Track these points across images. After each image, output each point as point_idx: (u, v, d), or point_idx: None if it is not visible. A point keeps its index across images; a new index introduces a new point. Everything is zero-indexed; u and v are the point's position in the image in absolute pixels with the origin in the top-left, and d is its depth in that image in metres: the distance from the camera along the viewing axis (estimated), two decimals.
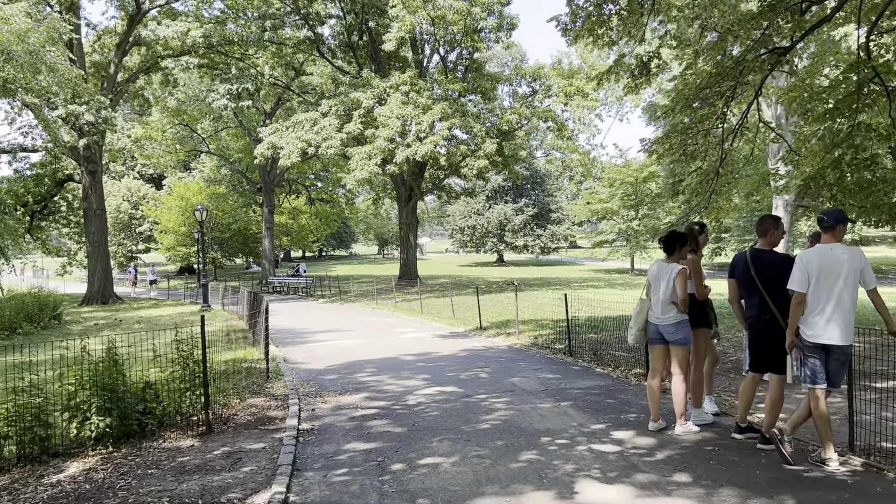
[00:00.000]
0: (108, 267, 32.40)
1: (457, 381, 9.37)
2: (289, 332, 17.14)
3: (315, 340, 14.94)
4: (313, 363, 11.57)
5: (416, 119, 23.12)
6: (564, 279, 38.05)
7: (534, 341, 13.10)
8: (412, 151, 22.87)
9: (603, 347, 11.81)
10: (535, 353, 11.86)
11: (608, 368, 9.95)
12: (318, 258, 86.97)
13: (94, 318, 24.12)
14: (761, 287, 5.95)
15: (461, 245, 78.72)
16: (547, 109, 26.58)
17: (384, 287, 30.38)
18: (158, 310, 26.47)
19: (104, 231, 32.52)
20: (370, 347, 13.28)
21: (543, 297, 23.72)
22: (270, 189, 42.54)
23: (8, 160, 33.99)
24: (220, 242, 50.94)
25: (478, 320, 16.03)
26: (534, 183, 74.30)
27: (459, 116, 23.98)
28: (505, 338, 13.80)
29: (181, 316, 23.47)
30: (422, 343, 13.71)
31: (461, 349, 12.53)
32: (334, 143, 23.62)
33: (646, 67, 16.24)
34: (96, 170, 31.68)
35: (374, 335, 15.45)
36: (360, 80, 25.33)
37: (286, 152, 24.61)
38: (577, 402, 7.83)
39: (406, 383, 9.34)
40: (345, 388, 9.21)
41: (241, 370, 10.61)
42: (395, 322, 18.54)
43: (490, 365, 10.62)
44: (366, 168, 22.75)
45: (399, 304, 23.60)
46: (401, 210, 32.76)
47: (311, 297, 31.36)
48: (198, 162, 54.66)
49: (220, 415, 7.46)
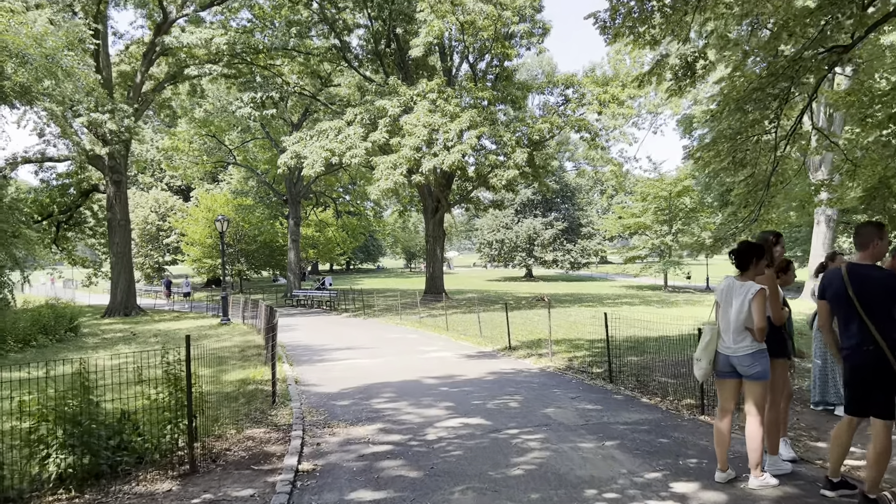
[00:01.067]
0: (131, 278, 31.98)
1: (483, 410, 8.28)
2: (306, 349, 16.21)
3: (332, 359, 13.96)
4: (326, 386, 10.57)
5: (443, 127, 22.21)
6: (596, 295, 36.69)
7: (568, 364, 11.95)
8: (439, 161, 21.94)
9: (646, 373, 10.63)
10: (570, 377, 10.71)
11: (655, 398, 8.78)
12: (345, 271, 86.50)
13: (112, 331, 23.54)
14: (861, 311, 4.80)
15: (489, 259, 77.51)
16: (580, 118, 25.48)
17: (409, 301, 29.40)
18: (178, 323, 25.83)
19: (128, 242, 32.14)
20: (390, 368, 12.26)
21: (576, 314, 22.51)
22: (296, 201, 42.02)
23: (34, 170, 33.94)
24: (246, 255, 50.53)
25: (507, 339, 14.93)
26: (564, 196, 72.91)
27: (489, 125, 23.01)
28: (537, 359, 12.67)
29: (199, 329, 22.75)
30: (446, 364, 12.65)
31: (489, 372, 11.44)
32: (359, 153, 22.81)
33: (690, 68, 15.06)
34: (121, 180, 31.36)
35: (396, 354, 14.43)
36: (386, 88, 24.54)
37: (310, 161, 23.87)
38: (625, 441, 6.69)
39: (426, 412, 8.28)
40: (357, 416, 8.18)
41: (246, 393, 9.65)
42: (419, 339, 17.51)
43: (521, 391, 9.51)
44: (391, 178, 21.86)
45: (424, 319, 22.58)
46: (427, 222, 31.84)
47: (334, 310, 30.51)
48: (225, 174, 54.54)
49: (211, 450, 6.47)
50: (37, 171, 34.29)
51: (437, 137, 22.28)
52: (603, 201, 71.38)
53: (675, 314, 22.88)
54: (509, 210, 70.13)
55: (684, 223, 54.79)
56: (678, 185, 53.39)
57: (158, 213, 53.91)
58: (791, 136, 13.57)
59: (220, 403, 8.71)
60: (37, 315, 21.38)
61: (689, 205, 54.64)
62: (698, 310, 24.53)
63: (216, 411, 8.12)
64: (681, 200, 54.10)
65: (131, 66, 33.58)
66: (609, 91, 24.70)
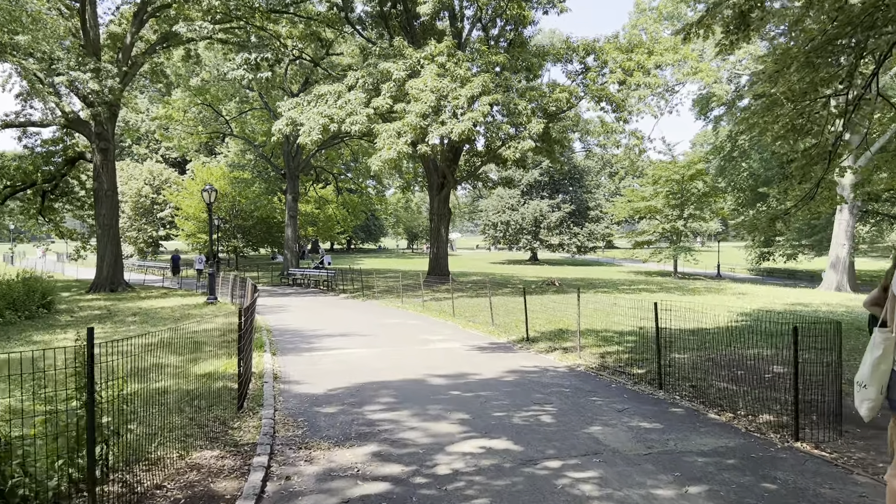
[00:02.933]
0: (118, 252, 30.11)
1: (509, 428, 6.40)
2: (295, 334, 14.36)
3: (322, 348, 12.09)
4: (312, 383, 8.71)
5: (452, 93, 20.16)
6: (608, 280, 34.79)
7: (602, 362, 10.07)
8: (447, 130, 19.93)
9: (699, 376, 8.75)
10: (608, 380, 8.83)
11: (725, 414, 6.90)
12: (346, 251, 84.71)
13: (91, 308, 21.71)
14: None
15: (493, 241, 75.58)
16: (601, 88, 23.40)
17: (411, 283, 27.53)
18: (163, 301, 23.99)
19: (115, 214, 30.20)
20: (389, 361, 10.39)
21: (594, 301, 20.60)
22: (295, 175, 39.99)
23: (17, 135, 31.95)
24: (242, 231, 48.62)
25: (523, 329, 13.05)
26: (572, 178, 70.77)
27: (502, 92, 20.95)
28: (562, 355, 10.79)
29: (183, 309, 20.92)
30: (455, 358, 10.77)
31: (507, 370, 9.56)
32: (360, 119, 20.79)
33: (744, 20, 12.94)
34: (108, 147, 29.33)
35: (396, 343, 12.56)
36: (391, 51, 22.46)
37: (306, 129, 21.86)
38: (714, 486, 4.80)
39: (435, 428, 6.40)
40: (345, 432, 6.31)
41: (211, 393, 7.79)
42: (423, 326, 15.64)
43: (551, 399, 7.63)
44: (394, 147, 19.86)
45: (427, 303, 20.70)
46: (432, 200, 29.84)
47: (331, 291, 28.67)
48: (222, 146, 52.47)
49: (132, 489, 4.59)
50: (20, 136, 32.31)
51: (446, 104, 20.24)
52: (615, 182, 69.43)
53: (702, 302, 20.97)
54: (515, 191, 68.09)
55: (696, 207, 52.94)
56: (691, 169, 51.43)
57: (153, 185, 51.92)
58: (857, 102, 11.61)
59: (173, 408, 6.84)
60: (6, 289, 19.56)
61: (701, 189, 52.77)
62: (725, 298, 22.59)
63: (165, 420, 6.24)
64: (693, 184, 52.26)
65: (122, 27, 31.44)
66: (634, 58, 22.60)
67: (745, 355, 10.21)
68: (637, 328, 13.93)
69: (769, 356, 10.06)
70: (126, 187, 52.13)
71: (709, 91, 48.96)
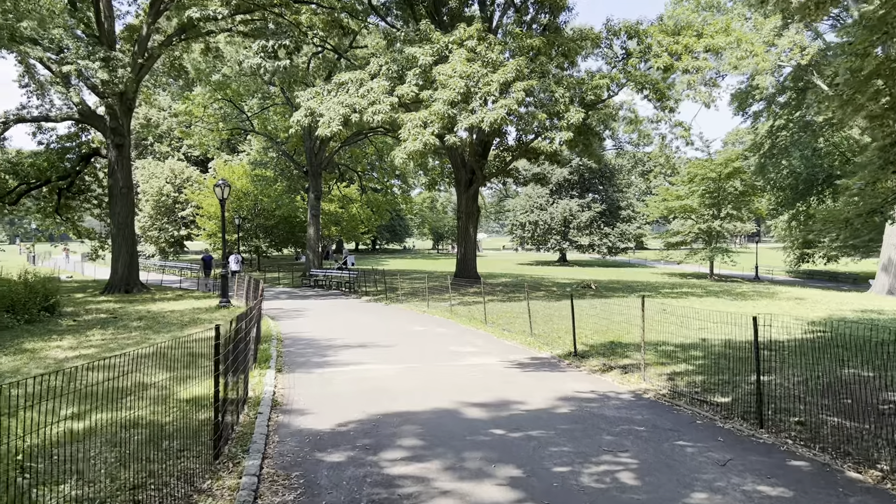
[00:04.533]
0: (133, 252, 28.92)
1: (580, 496, 4.65)
2: (309, 343, 12.74)
3: (338, 362, 10.44)
4: (319, 413, 7.04)
5: (483, 79, 18.44)
6: (647, 283, 32.77)
7: (671, 385, 8.26)
8: (477, 119, 18.21)
9: (800, 407, 6.91)
10: (688, 413, 7.02)
11: (869, 472, 5.08)
12: (371, 251, 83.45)
13: (99, 311, 20.38)
14: None
15: (520, 242, 73.57)
16: (644, 74, 21.49)
17: (438, 285, 25.85)
18: (175, 303, 22.62)
19: (130, 212, 29.00)
20: (414, 381, 8.70)
21: (638, 306, 18.64)
22: (317, 173, 38.54)
23: (32, 131, 30.96)
24: (265, 230, 47.38)
25: (568, 340, 11.28)
26: (602, 177, 68.42)
27: (538, 78, 19.18)
28: (621, 376, 8.99)
29: (194, 312, 19.48)
30: (493, 377, 9.04)
31: (559, 396, 7.80)
32: (383, 109, 19.17)
33: None
34: (123, 143, 28.13)
35: (422, 357, 10.86)
36: (417, 35, 20.82)
37: (325, 120, 20.31)
38: None
39: (478, 494, 4.69)
40: (353, 498, 4.62)
41: (188, 429, 6.15)
42: (451, 335, 13.92)
43: (626, 443, 5.86)
44: (420, 138, 18.21)
45: (455, 308, 18.97)
46: (460, 197, 28.13)
47: (354, 293, 27.10)
48: (245, 143, 51.38)
49: None
50: (34, 132, 31.35)
51: (477, 91, 18.53)
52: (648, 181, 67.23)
53: (759, 309, 18.97)
54: (544, 190, 66.02)
55: (734, 207, 50.67)
56: (728, 167, 49.19)
57: (174, 184, 50.92)
58: None
59: (133, 454, 5.21)
60: (7, 290, 18.29)
61: (739, 188, 50.52)
62: (782, 305, 20.51)
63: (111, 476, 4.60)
64: (730, 183, 50.04)
65: (139, 18, 30.31)
66: (682, 41, 20.65)
67: (841, 377, 8.35)
68: (699, 340, 12.09)
69: (871, 378, 8.19)
70: (147, 186, 51.26)
71: (748, 86, 46.64)
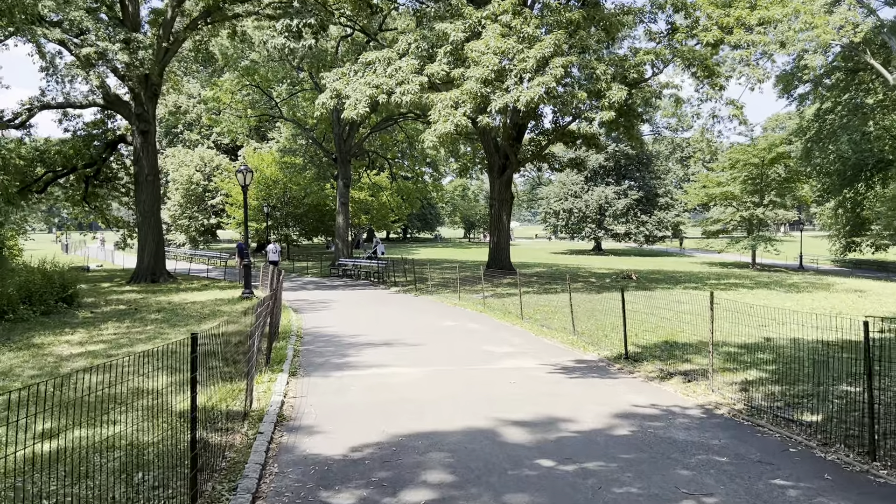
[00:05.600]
0: (160, 240, 28.36)
1: None
2: (330, 340, 11.72)
3: (359, 364, 9.37)
4: (330, 432, 5.97)
5: (518, 56, 17.14)
6: (689, 274, 31.16)
7: (747, 398, 6.98)
8: (512, 98, 16.95)
9: None
10: (775, 436, 5.76)
11: None
12: (402, 240, 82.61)
13: (119, 302, 19.70)
14: None
15: (554, 230, 71.85)
16: (692, 49, 19.93)
17: (469, 276, 24.71)
18: (199, 294, 21.89)
19: (156, 199, 28.40)
20: (442, 390, 7.58)
21: (686, 299, 17.23)
22: (346, 160, 37.56)
23: (58, 118, 30.57)
24: (294, 218, 46.71)
25: (616, 339, 10.06)
26: (640, 163, 66.22)
27: (577, 53, 17.82)
28: (684, 384, 7.74)
29: (215, 304, 18.66)
30: (534, 386, 7.87)
31: (615, 412, 6.60)
32: (412, 89, 18.01)
33: None
34: (148, 129, 27.49)
35: (452, 358, 9.74)
36: (448, 10, 19.58)
37: (352, 101, 19.24)
38: None
39: None
40: None
41: (171, 455, 5.11)
42: (485, 332, 12.78)
43: (707, 479, 4.65)
44: (451, 119, 17.02)
45: (488, 300, 17.80)
46: (492, 183, 26.87)
47: (383, 283, 26.12)
48: (275, 131, 50.72)
49: None
50: (60, 119, 30.97)
51: (512, 68, 17.26)
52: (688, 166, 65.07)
53: (816, 303, 17.42)
54: (579, 177, 64.19)
55: (777, 194, 48.48)
56: (772, 152, 47.00)
57: (204, 172, 50.54)
58: None
59: (96, 491, 4.20)
60: (26, 280, 17.70)
61: (783, 174, 48.26)
62: (843, 298, 18.86)
63: None
64: (773, 169, 47.86)
65: (164, 2, 29.59)
66: (733, 14, 19.05)
67: None
68: (762, 339, 10.74)
69: None
70: (177, 174, 50.96)
71: (794, 67, 44.36)
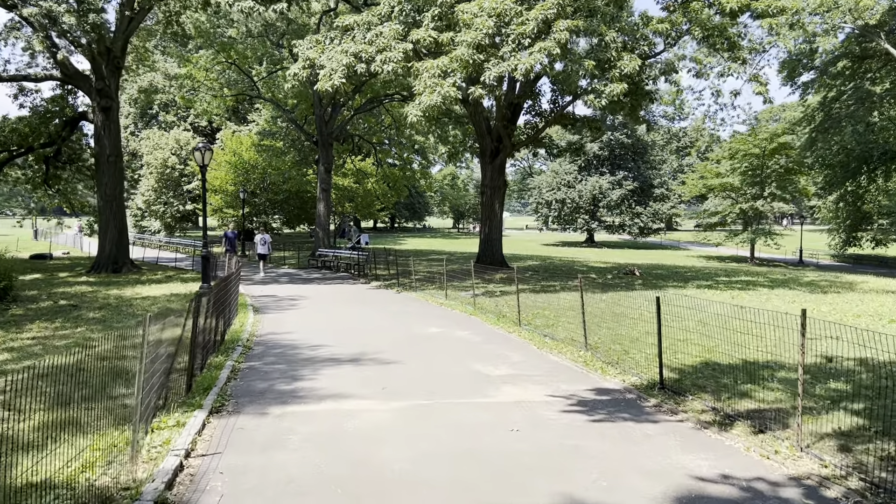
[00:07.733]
0: (123, 227, 25.94)
1: None
2: (284, 353, 9.48)
3: (310, 394, 7.12)
4: None
5: (517, 18, 14.91)
6: (693, 269, 29.10)
7: (854, 462, 4.85)
8: (509, 66, 14.73)
9: None
10: None
11: None
12: (389, 229, 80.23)
13: (63, 295, 17.38)
14: None
15: (546, 221, 69.72)
16: (709, 18, 17.77)
17: (458, 270, 22.50)
18: (158, 287, 19.57)
19: (119, 182, 25.94)
20: (420, 446, 5.38)
21: (700, 301, 15.07)
22: (328, 143, 35.08)
23: (13, 93, 27.99)
24: (273, 205, 44.29)
25: (635, 354, 7.87)
26: (635, 153, 64.10)
27: (583, 17, 15.60)
28: (754, 436, 5.56)
29: (169, 300, 16.37)
30: (545, 438, 5.68)
31: (670, 490, 4.43)
32: (395, 56, 15.72)
33: None
34: (111, 106, 25.03)
35: (435, 386, 7.53)
36: None
37: (326, 71, 16.95)
38: None
39: None
40: None
41: None
42: (476, 343, 10.59)
43: None
44: (438, 90, 14.78)
45: (480, 300, 15.59)
46: (484, 169, 24.63)
47: (363, 277, 23.85)
48: (255, 112, 48.13)
49: None
50: (16, 93, 28.39)
51: (509, 33, 15.04)
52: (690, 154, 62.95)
53: (842, 305, 15.35)
54: (572, 167, 62.02)
55: (778, 186, 46.61)
56: (773, 142, 45.10)
57: (180, 156, 47.90)
58: None
59: None
60: None
61: (784, 165, 46.37)
62: (869, 299, 16.76)
63: None
64: (774, 159, 45.99)
65: None
66: None
67: None
68: (822, 360, 8.64)
69: None
70: (151, 157, 48.29)
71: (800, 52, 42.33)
